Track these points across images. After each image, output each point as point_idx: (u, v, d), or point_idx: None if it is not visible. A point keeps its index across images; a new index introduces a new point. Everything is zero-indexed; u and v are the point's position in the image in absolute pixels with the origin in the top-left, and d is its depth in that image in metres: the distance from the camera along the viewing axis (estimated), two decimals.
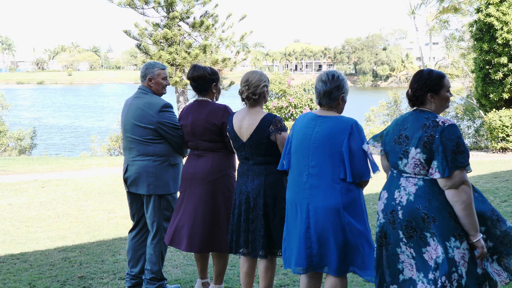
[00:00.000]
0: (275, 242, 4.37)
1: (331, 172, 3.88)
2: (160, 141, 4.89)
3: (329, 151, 3.88)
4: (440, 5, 32.60)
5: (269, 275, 4.45)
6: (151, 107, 4.88)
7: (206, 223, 4.72)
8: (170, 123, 4.87)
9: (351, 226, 3.86)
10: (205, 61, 21.76)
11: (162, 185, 4.92)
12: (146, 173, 4.91)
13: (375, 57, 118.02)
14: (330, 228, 3.87)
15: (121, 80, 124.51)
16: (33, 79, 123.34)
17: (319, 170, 3.91)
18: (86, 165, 15.73)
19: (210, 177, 4.73)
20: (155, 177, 4.90)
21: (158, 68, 5.04)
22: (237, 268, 5.77)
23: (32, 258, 6.30)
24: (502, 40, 18.48)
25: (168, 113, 4.91)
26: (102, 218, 8.52)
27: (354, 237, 3.87)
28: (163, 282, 5.05)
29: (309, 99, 20.05)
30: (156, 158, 4.90)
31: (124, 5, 21.70)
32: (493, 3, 18.78)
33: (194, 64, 4.87)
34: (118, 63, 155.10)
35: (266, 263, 4.43)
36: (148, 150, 4.90)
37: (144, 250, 5.18)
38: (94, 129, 38.97)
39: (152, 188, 4.91)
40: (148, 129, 4.86)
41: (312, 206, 3.90)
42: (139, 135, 4.90)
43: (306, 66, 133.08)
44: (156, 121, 4.84)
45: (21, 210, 9.07)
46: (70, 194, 10.61)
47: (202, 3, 22.24)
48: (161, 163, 4.91)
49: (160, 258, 5.06)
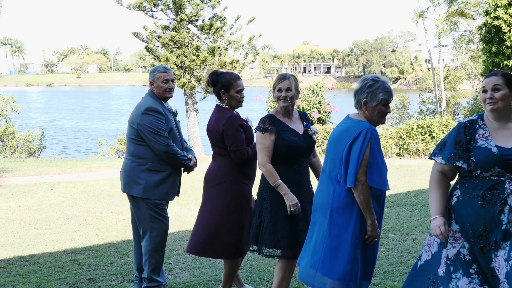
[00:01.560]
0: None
1: (331, 171, 3.95)
2: (141, 143, 4.95)
3: (334, 151, 3.94)
4: (449, 8, 32.49)
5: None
6: (139, 108, 5.01)
7: (203, 227, 4.79)
8: (149, 127, 4.87)
9: (332, 229, 3.90)
10: (213, 63, 21.77)
11: (136, 187, 4.94)
12: (124, 172, 5.06)
13: (384, 60, 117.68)
14: (317, 224, 4.02)
15: (129, 82, 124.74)
16: (42, 82, 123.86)
17: (325, 167, 4.03)
18: (94, 167, 15.77)
19: (215, 181, 4.77)
20: (129, 177, 4.99)
21: (158, 72, 5.07)
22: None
23: (41, 260, 6.31)
24: (510, 43, 18.41)
25: (150, 117, 4.90)
26: (111, 220, 8.53)
27: (331, 239, 3.90)
28: (155, 286, 5.09)
29: (317, 102, 20.00)
30: (134, 159, 4.98)
31: (133, 7, 21.76)
32: (502, 6, 18.72)
33: (213, 70, 4.93)
34: (127, 65, 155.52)
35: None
36: (130, 149, 5.04)
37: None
38: (103, 132, 39.10)
39: (127, 187, 5.01)
40: (133, 128, 4.99)
41: (314, 201, 4.11)
42: (128, 133, 5.07)
43: (314, 69, 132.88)
44: (137, 122, 4.93)
45: (30, 212, 9.10)
46: (79, 196, 10.64)
47: (211, 6, 22.26)
48: (138, 165, 4.95)
49: (150, 262, 5.04)
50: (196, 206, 8.89)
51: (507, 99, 3.49)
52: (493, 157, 3.44)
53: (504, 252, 3.38)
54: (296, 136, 4.45)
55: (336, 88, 27.17)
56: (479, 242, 3.48)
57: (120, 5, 21.64)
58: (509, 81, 3.51)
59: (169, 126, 5.03)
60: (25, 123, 38.82)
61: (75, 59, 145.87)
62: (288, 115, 4.55)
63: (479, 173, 3.50)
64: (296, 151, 4.42)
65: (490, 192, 3.46)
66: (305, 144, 4.46)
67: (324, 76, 30.64)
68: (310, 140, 4.50)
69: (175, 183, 5.11)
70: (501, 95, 3.47)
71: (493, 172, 3.46)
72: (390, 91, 3.93)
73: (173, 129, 5.08)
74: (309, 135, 4.50)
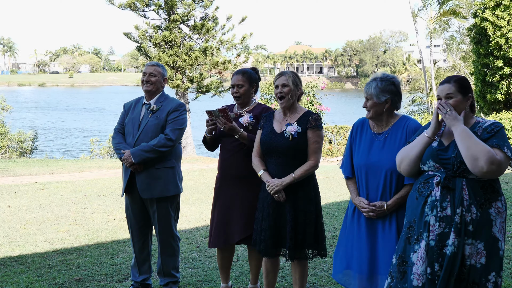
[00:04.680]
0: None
1: None
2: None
3: None
4: (441, 8, 32.64)
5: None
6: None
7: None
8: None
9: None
10: (205, 63, 21.76)
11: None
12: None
13: (376, 60, 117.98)
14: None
15: (122, 82, 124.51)
16: (34, 81, 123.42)
17: None
18: (86, 167, 15.75)
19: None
20: None
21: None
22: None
23: (30, 260, 6.29)
24: (495, 45, 18.58)
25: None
26: (101, 221, 8.52)
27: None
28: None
29: (309, 102, 20.04)
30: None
31: (124, 7, 21.69)
32: (489, 7, 18.86)
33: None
34: (120, 65, 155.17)
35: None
36: None
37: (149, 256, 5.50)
38: (95, 131, 38.98)
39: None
40: None
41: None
42: None
43: (307, 69, 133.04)
44: None
45: (20, 213, 9.07)
46: (70, 196, 10.62)
47: (203, 6, 22.23)
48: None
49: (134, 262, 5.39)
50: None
51: (461, 105, 3.57)
52: (430, 151, 3.59)
53: (425, 244, 3.48)
54: (271, 135, 4.56)
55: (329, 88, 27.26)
56: (408, 233, 3.63)
57: (112, 4, 21.57)
58: (462, 87, 3.58)
59: (128, 119, 5.22)
60: (18, 123, 38.66)
61: (67, 59, 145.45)
62: (285, 112, 4.61)
63: (423, 168, 3.64)
64: (264, 148, 4.60)
65: (423, 185, 3.59)
66: (277, 144, 4.51)
67: (316, 76, 30.69)
68: (284, 140, 4.50)
69: (125, 179, 5.20)
70: (454, 102, 3.56)
71: (429, 166, 3.58)
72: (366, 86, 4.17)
73: (129, 123, 5.20)
74: (286, 137, 4.51)
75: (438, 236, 3.43)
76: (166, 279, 5.24)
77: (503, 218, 3.48)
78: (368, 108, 4.06)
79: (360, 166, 4.13)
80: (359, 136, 4.22)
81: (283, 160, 4.51)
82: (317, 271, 5.83)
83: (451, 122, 3.50)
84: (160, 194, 5.08)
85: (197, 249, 6.79)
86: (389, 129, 4.10)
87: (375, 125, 4.16)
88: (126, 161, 5.00)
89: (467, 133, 3.42)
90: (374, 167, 4.04)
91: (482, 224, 3.41)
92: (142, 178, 5.07)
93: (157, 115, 5.13)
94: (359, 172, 4.15)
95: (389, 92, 4.04)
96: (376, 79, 4.06)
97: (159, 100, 5.19)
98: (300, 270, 4.60)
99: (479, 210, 3.41)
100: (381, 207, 3.98)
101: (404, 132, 4.03)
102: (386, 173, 3.99)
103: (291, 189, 4.47)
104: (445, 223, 3.43)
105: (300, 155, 4.50)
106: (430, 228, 3.47)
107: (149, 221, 5.30)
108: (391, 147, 4.01)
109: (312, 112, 4.60)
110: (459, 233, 3.38)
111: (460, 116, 3.52)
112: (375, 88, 4.02)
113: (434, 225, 3.45)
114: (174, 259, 5.27)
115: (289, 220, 4.45)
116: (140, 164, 5.01)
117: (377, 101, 4.02)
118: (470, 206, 3.41)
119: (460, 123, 3.47)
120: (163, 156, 5.06)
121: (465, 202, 3.41)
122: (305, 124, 4.50)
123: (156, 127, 5.09)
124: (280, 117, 4.64)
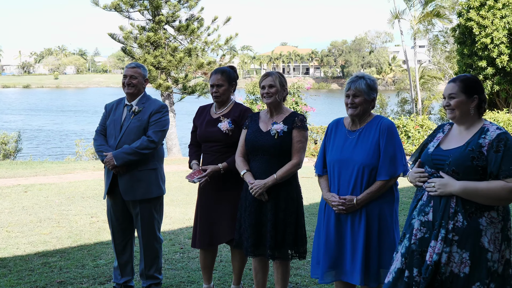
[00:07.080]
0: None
1: None
2: None
3: None
4: (424, 9, 32.87)
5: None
6: None
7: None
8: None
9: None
10: (190, 64, 21.72)
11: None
12: None
13: (362, 60, 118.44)
14: None
15: (107, 83, 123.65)
16: (19, 83, 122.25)
17: None
18: (70, 169, 15.63)
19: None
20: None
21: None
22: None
23: (11, 263, 6.24)
24: (481, 45, 18.72)
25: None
26: (84, 223, 8.47)
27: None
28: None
29: (294, 102, 20.06)
30: None
31: (109, 8, 21.61)
32: (474, 7, 19.01)
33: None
34: (105, 66, 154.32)
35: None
36: None
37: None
38: (81, 133, 38.71)
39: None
40: None
41: None
42: None
43: (293, 69, 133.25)
44: None
45: (3, 215, 8.98)
46: (53, 198, 10.54)
47: (188, 6, 22.21)
48: None
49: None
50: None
51: (463, 106, 3.48)
52: (425, 156, 3.58)
53: (406, 246, 3.51)
54: (256, 133, 4.60)
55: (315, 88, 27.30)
56: (401, 234, 3.67)
57: (96, 5, 21.48)
58: (466, 87, 3.49)
59: (110, 121, 5.18)
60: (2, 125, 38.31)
61: (52, 60, 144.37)
62: (271, 112, 4.64)
63: (426, 171, 3.61)
64: (249, 147, 4.63)
65: (419, 189, 3.60)
66: (262, 142, 4.55)
67: (302, 77, 30.73)
68: (270, 139, 4.53)
69: (107, 181, 5.18)
70: (456, 102, 3.50)
71: (427, 171, 3.55)
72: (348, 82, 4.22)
73: (110, 125, 5.17)
74: (272, 135, 4.53)
75: (419, 241, 3.43)
76: (149, 281, 5.22)
77: (498, 228, 3.34)
78: (357, 105, 4.09)
79: (333, 162, 4.18)
80: (334, 134, 4.28)
81: (267, 158, 4.54)
82: (300, 271, 5.85)
83: (445, 191, 3.37)
84: (142, 196, 5.06)
85: (181, 251, 6.78)
86: (363, 127, 4.17)
87: (351, 123, 4.22)
88: (108, 163, 4.98)
89: (470, 187, 3.31)
90: (346, 163, 4.10)
91: (468, 233, 3.31)
92: (125, 180, 5.04)
93: (139, 117, 5.10)
94: (331, 168, 4.20)
95: (375, 90, 4.17)
96: (364, 77, 4.14)
97: (141, 102, 5.17)
98: (282, 270, 4.61)
99: (466, 219, 3.32)
100: (351, 201, 4.04)
101: (378, 130, 4.10)
102: (359, 169, 4.06)
103: (274, 188, 4.49)
104: (426, 228, 3.41)
105: (284, 155, 4.54)
106: (413, 232, 3.47)
107: (132, 223, 5.27)
108: (364, 144, 4.09)
109: (298, 113, 4.64)
110: (437, 239, 3.35)
111: (459, 115, 3.48)
112: (366, 86, 4.08)
113: (418, 229, 3.46)
114: (157, 261, 5.25)
115: (270, 219, 4.47)
116: (122, 167, 4.98)
117: (367, 98, 4.11)
118: (456, 214, 3.33)
119: (453, 184, 3.35)
120: (146, 158, 5.04)
121: (451, 209, 3.34)
122: (291, 124, 4.55)
123: (138, 129, 5.07)
124: (266, 117, 4.68)
